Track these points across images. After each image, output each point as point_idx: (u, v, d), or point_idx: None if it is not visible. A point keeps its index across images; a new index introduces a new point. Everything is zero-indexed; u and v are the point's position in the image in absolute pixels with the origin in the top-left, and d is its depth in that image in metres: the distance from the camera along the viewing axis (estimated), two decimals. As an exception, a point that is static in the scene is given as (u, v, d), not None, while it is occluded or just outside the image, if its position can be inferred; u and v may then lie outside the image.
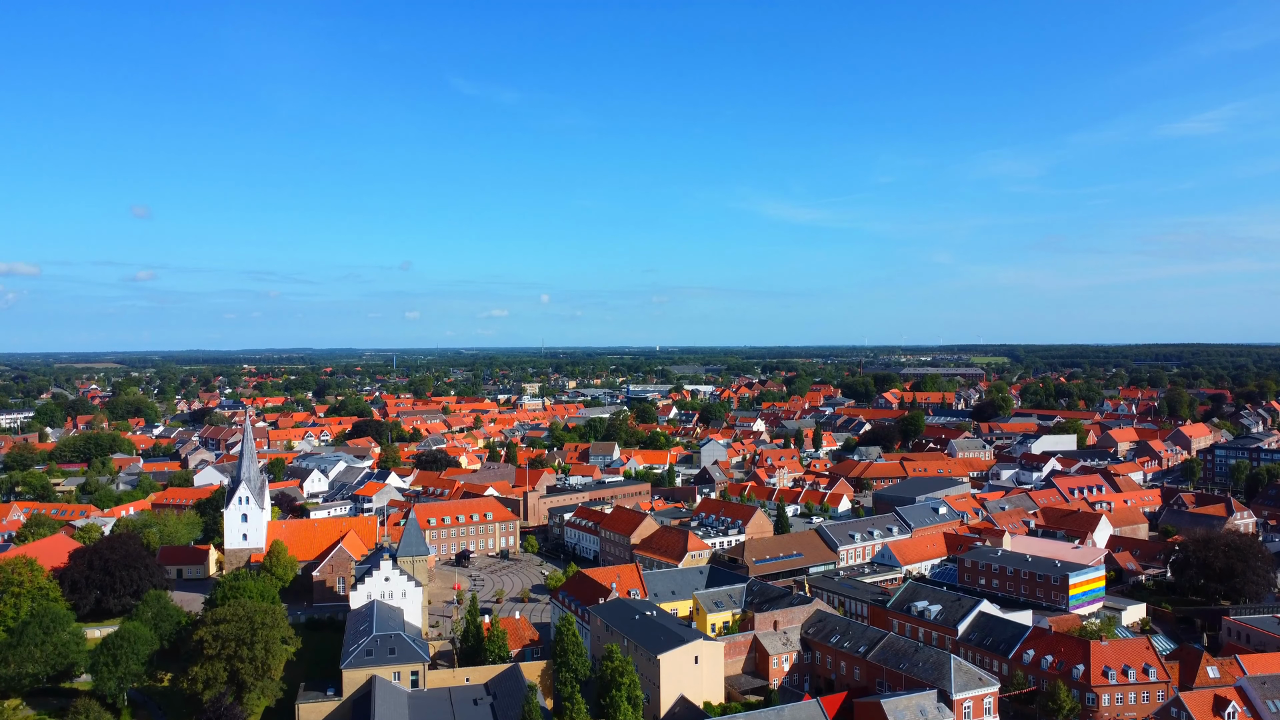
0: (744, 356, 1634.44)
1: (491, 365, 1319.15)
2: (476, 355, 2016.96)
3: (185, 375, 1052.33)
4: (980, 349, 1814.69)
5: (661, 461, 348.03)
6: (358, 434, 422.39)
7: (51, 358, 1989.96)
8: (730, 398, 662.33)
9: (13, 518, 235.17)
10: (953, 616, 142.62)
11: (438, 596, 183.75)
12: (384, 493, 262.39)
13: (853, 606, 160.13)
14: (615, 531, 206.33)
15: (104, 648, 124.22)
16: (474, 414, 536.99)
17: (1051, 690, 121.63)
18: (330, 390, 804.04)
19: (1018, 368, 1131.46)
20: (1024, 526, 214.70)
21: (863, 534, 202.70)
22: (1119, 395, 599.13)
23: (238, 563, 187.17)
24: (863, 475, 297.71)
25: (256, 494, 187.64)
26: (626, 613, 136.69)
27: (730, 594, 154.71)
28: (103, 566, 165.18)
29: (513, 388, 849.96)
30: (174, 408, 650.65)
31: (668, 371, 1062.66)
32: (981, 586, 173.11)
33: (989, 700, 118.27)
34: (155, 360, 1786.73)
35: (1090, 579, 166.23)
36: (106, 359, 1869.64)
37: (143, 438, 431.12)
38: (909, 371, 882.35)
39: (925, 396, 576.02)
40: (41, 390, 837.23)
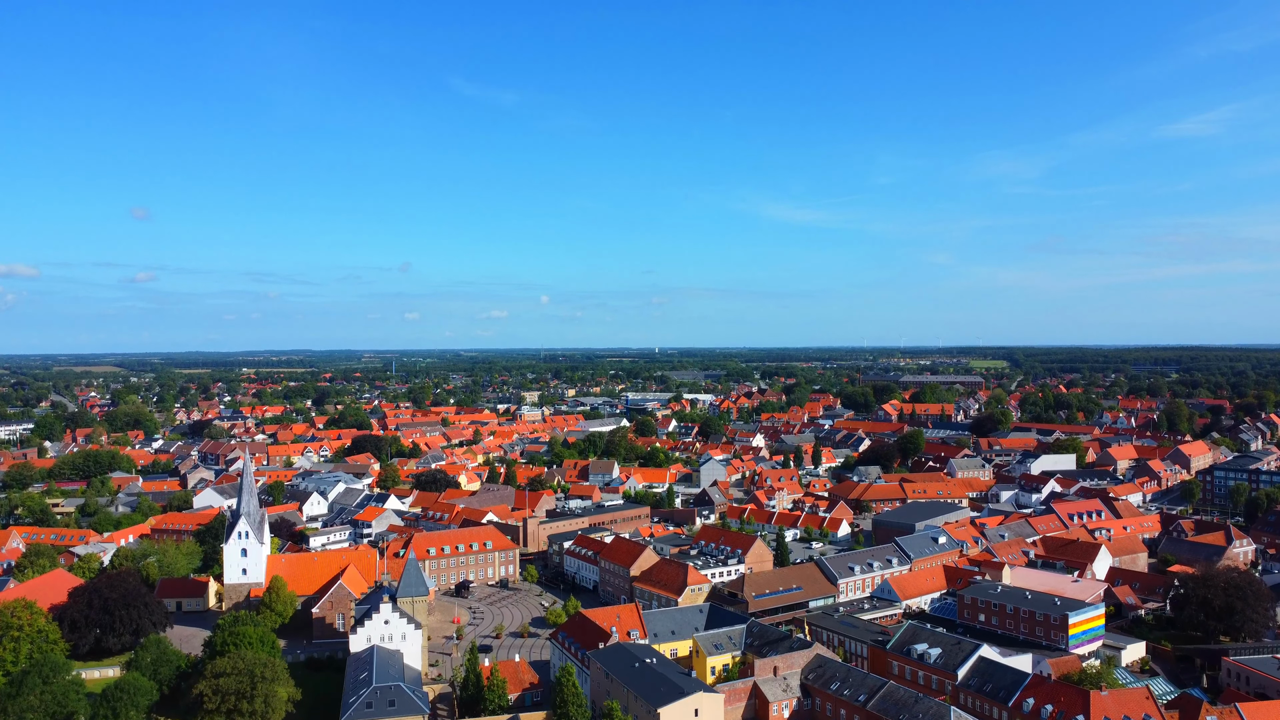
0: (743, 359, 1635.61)
1: (491, 370, 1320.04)
2: (476, 357, 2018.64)
3: (184, 381, 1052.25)
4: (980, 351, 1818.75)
5: (661, 480, 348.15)
6: (357, 449, 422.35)
7: (51, 359, 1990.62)
8: (730, 408, 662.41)
9: (12, 545, 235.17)
10: (952, 661, 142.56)
11: (437, 631, 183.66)
12: (383, 518, 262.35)
13: (853, 647, 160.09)
14: (615, 562, 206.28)
15: (103, 699, 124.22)
16: (473, 426, 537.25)
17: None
18: (330, 398, 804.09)
19: (1017, 373, 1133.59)
20: (1023, 557, 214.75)
21: (862, 566, 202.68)
22: (1118, 406, 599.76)
23: (237, 597, 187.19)
24: (862, 497, 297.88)
25: (256, 528, 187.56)
26: (626, 660, 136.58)
27: (730, 636, 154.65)
28: (102, 605, 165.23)
29: (512, 396, 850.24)
30: (173, 418, 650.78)
31: (667, 378, 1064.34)
32: (981, 624, 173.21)
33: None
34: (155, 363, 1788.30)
35: (1090, 618, 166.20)
36: (106, 361, 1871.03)
37: (142, 453, 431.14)
38: (908, 379, 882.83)
39: (924, 408, 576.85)
40: (41, 398, 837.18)
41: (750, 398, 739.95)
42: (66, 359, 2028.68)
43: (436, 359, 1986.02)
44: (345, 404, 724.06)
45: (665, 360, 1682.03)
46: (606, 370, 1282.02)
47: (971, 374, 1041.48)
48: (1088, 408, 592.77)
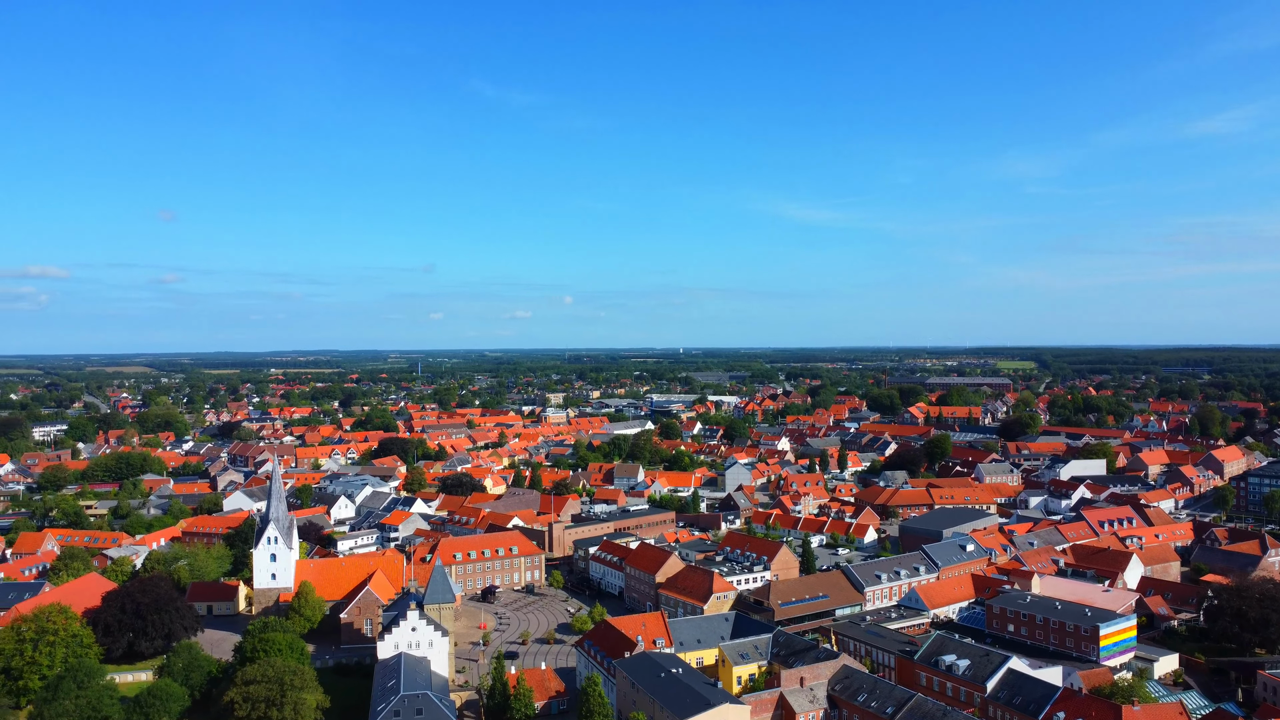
0: (768, 360, 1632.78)
1: (515, 370, 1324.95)
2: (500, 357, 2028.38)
3: (213, 382, 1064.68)
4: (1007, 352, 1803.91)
5: (686, 484, 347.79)
6: (384, 452, 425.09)
7: (83, 359, 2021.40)
8: (754, 410, 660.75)
9: (47, 548, 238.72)
10: (981, 673, 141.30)
11: (464, 637, 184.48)
12: (410, 522, 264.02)
13: (880, 657, 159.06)
14: (640, 569, 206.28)
15: (136, 705, 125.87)
16: (498, 428, 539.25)
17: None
18: (356, 399, 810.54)
19: (1045, 375, 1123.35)
20: (1053, 565, 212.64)
21: (889, 574, 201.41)
22: (1149, 409, 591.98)
23: (266, 602, 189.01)
24: (889, 503, 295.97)
25: (285, 534, 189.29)
26: (652, 669, 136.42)
27: (756, 645, 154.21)
28: (135, 610, 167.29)
29: (537, 397, 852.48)
30: (202, 419, 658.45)
31: (691, 379, 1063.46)
32: (1010, 634, 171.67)
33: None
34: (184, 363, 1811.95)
35: (1121, 629, 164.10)
36: (136, 361, 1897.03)
37: (172, 454, 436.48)
38: (935, 381, 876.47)
39: (951, 411, 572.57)
40: (74, 399, 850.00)
41: (775, 400, 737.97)
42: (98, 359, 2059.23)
43: (461, 359, 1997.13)
44: (372, 405, 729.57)
45: (689, 361, 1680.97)
46: (630, 371, 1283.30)
47: (999, 375, 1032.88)
48: (1118, 411, 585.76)
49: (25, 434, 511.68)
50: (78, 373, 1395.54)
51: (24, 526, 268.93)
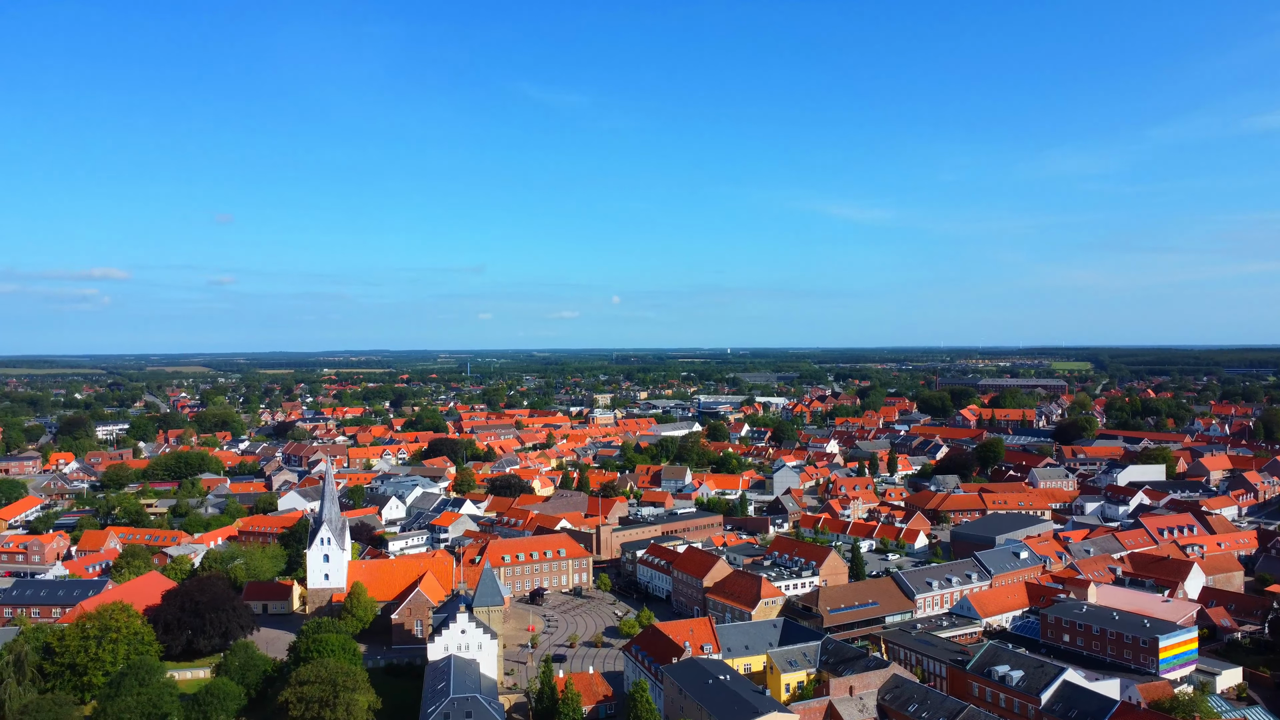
0: (816, 360, 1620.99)
1: (563, 371, 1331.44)
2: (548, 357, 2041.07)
3: (268, 382, 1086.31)
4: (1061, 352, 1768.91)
5: (734, 486, 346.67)
6: (433, 453, 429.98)
7: (143, 359, 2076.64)
8: (803, 412, 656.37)
9: (110, 546, 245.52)
10: (1035, 684, 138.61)
11: (512, 640, 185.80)
12: (459, 523, 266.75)
13: (930, 667, 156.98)
14: (688, 573, 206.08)
15: (195, 703, 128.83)
16: (546, 429, 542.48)
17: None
18: (406, 400, 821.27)
19: (1101, 376, 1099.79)
20: (1110, 574, 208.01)
21: (940, 581, 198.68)
22: (1210, 412, 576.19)
23: (320, 602, 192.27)
24: (940, 508, 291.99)
25: (337, 535, 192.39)
26: (700, 676, 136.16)
27: (805, 652, 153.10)
28: (193, 608, 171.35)
29: (584, 398, 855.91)
30: (258, 419, 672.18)
31: (739, 379, 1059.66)
32: (1065, 644, 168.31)
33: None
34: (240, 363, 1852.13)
35: (1181, 641, 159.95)
36: (194, 361, 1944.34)
37: (229, 454, 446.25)
38: (987, 382, 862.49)
39: (1004, 414, 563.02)
40: (135, 398, 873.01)
41: (824, 401, 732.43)
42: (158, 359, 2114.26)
43: (509, 359, 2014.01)
44: (422, 406, 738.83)
45: (737, 361, 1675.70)
46: (678, 372, 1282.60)
47: (1053, 376, 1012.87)
48: (1178, 414, 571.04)
49: (89, 433, 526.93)
50: (139, 372, 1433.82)
51: (88, 524, 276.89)
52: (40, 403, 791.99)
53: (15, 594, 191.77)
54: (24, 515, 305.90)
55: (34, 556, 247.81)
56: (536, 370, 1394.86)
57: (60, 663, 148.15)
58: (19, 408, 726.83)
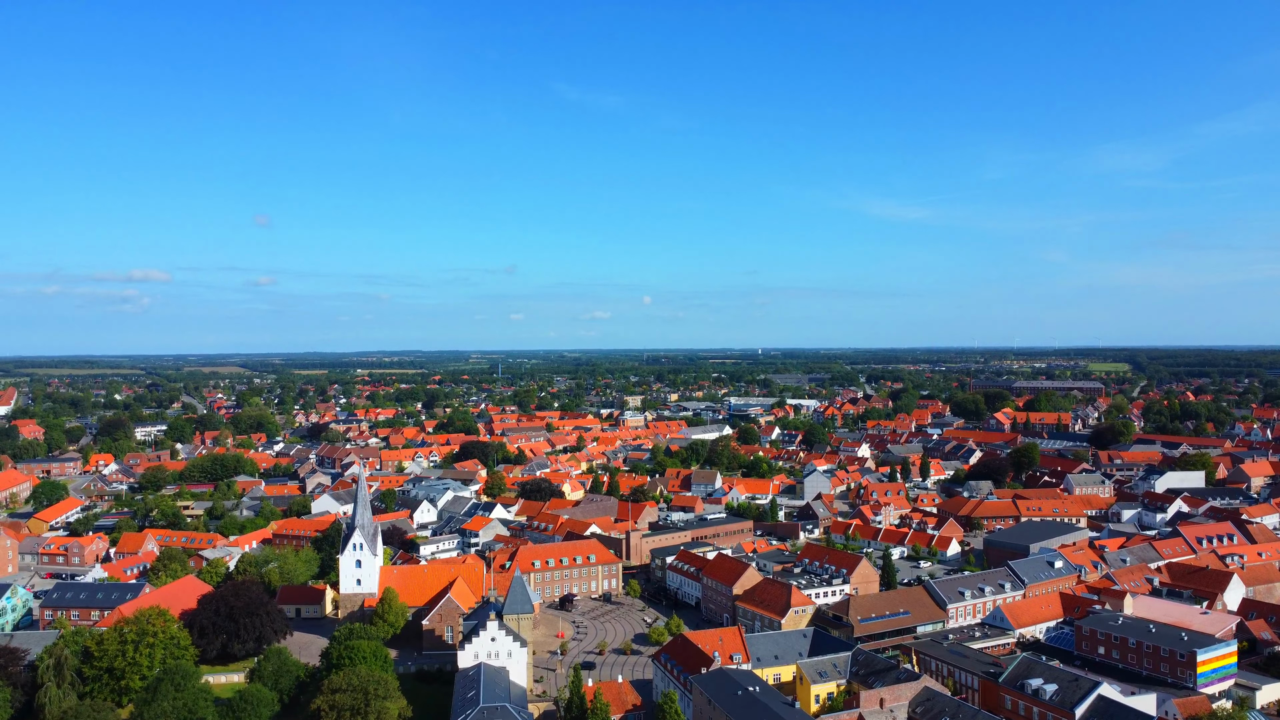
0: (848, 361, 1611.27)
1: (594, 372, 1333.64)
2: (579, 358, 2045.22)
3: (303, 383, 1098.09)
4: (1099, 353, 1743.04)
5: (764, 491, 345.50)
6: (465, 455, 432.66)
7: (181, 360, 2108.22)
8: (834, 414, 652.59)
9: (147, 548, 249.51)
10: (1069, 698, 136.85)
11: (542, 646, 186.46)
12: (490, 527, 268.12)
13: (962, 678, 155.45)
14: (717, 580, 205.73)
15: (229, 709, 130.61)
16: (577, 432, 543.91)
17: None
18: (439, 401, 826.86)
19: (1139, 378, 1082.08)
20: (1147, 585, 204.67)
21: (973, 591, 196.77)
22: (1252, 416, 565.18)
23: (351, 606, 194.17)
24: (973, 514, 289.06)
25: (370, 540, 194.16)
26: (729, 687, 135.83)
27: (835, 663, 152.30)
28: (228, 613, 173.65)
29: (615, 400, 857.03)
30: (292, 420, 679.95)
31: (770, 381, 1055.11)
32: (1100, 656, 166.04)
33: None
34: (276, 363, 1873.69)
35: (1221, 654, 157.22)
36: (231, 361, 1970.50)
37: (264, 455, 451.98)
38: (1022, 385, 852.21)
39: (1039, 417, 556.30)
40: (173, 399, 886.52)
41: (855, 404, 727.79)
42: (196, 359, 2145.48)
43: (540, 359, 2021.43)
44: (453, 407, 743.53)
45: (768, 362, 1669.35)
46: (709, 373, 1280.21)
47: (1090, 379, 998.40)
48: (1218, 418, 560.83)
49: (128, 434, 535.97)
50: (176, 373, 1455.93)
51: (126, 526, 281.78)
52: (81, 403, 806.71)
53: (56, 597, 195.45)
54: (65, 517, 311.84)
55: (74, 558, 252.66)
56: (567, 371, 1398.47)
57: (99, 666, 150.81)
58: (61, 408, 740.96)
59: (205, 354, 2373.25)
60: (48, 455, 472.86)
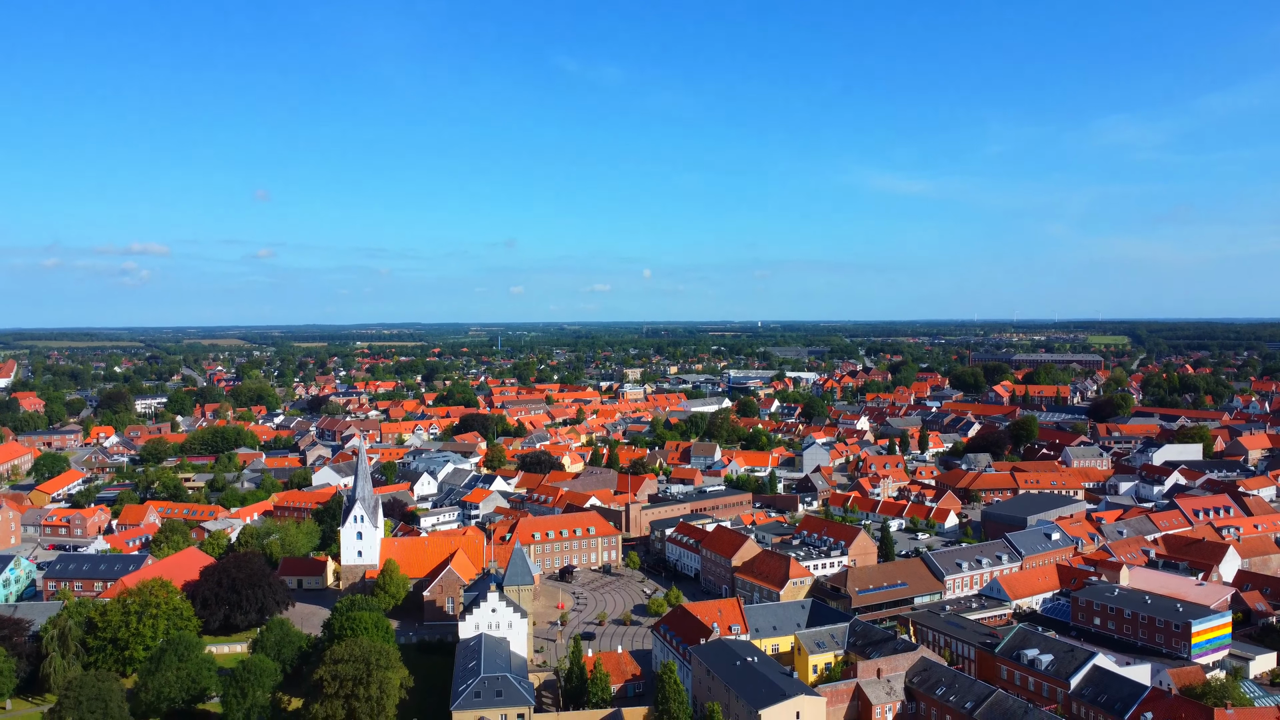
0: (848, 334, 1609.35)
1: (594, 345, 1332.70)
2: (579, 331, 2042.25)
3: (303, 355, 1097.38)
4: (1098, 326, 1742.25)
5: (763, 464, 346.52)
6: (465, 428, 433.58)
7: (181, 332, 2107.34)
8: (833, 387, 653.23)
9: (149, 520, 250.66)
10: (1065, 668, 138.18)
11: (542, 617, 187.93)
12: (490, 500, 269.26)
13: (959, 649, 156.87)
14: (717, 552, 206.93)
15: (233, 679, 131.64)
16: (576, 405, 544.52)
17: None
18: (438, 374, 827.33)
19: (1139, 351, 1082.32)
20: (1143, 556, 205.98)
21: (970, 563, 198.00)
22: (1250, 389, 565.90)
23: (353, 578, 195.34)
24: (971, 487, 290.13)
25: (370, 513, 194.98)
26: (728, 657, 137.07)
27: (833, 634, 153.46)
28: (230, 585, 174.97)
29: (615, 373, 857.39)
30: (292, 393, 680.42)
31: (770, 354, 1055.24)
32: (1096, 627, 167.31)
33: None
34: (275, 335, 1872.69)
35: (1215, 625, 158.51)
36: (231, 334, 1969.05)
37: (264, 428, 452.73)
38: (1021, 358, 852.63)
39: (1038, 390, 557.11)
40: (173, 371, 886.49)
41: (855, 377, 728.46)
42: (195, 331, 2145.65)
43: (540, 332, 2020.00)
44: (453, 380, 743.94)
45: (768, 335, 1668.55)
46: (708, 346, 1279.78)
47: (1089, 351, 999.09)
48: (1217, 390, 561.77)
49: (128, 407, 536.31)
50: (176, 345, 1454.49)
51: (128, 498, 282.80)
52: (81, 376, 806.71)
53: (59, 568, 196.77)
54: (67, 489, 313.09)
55: (76, 530, 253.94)
56: (567, 344, 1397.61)
57: (103, 637, 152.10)
58: (61, 381, 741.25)
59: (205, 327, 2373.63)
60: (48, 428, 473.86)
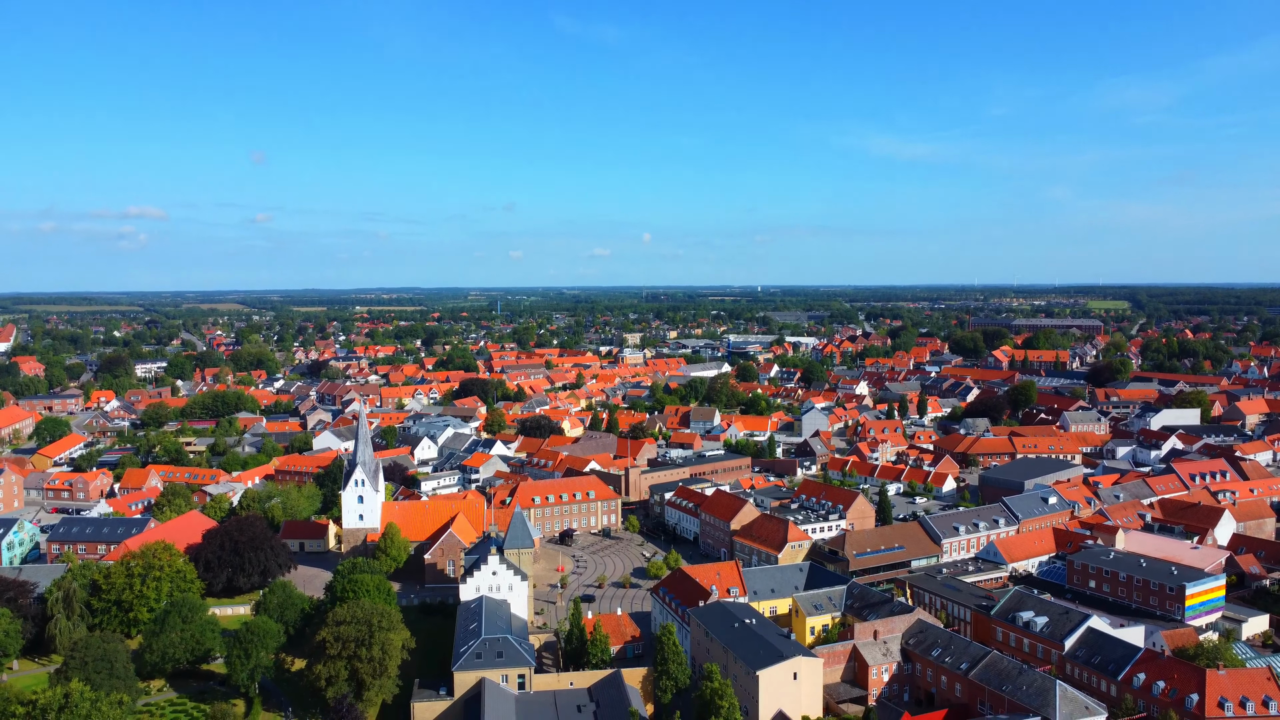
0: (848, 299, 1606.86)
1: (593, 309, 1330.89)
2: (579, 295, 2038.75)
3: (302, 320, 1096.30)
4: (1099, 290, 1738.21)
5: (762, 428, 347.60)
6: (464, 393, 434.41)
7: (180, 296, 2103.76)
8: (833, 352, 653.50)
9: (151, 484, 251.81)
10: (1059, 630, 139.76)
11: (542, 579, 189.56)
12: (490, 464, 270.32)
13: (955, 611, 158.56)
14: (716, 516, 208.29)
15: (236, 640, 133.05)
16: (576, 369, 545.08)
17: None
18: (438, 338, 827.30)
19: (1139, 315, 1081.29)
20: (1139, 520, 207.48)
21: (967, 526, 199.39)
22: (1249, 354, 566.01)
23: (354, 541, 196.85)
24: (969, 451, 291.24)
25: (371, 477, 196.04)
26: (726, 619, 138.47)
27: (830, 596, 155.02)
28: (233, 548, 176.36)
29: (614, 337, 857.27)
30: (292, 358, 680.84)
31: (769, 319, 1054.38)
32: (1091, 590, 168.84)
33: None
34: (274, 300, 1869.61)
35: (1209, 588, 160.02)
36: (230, 298, 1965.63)
37: (264, 393, 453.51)
38: (1021, 323, 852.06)
39: (1038, 355, 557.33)
40: (172, 335, 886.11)
41: (854, 341, 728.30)
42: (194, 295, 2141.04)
43: (540, 297, 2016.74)
44: (453, 345, 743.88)
45: (767, 299, 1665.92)
46: (708, 310, 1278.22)
47: (1090, 316, 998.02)
48: (1216, 355, 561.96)
49: (128, 371, 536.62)
50: (175, 309, 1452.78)
51: (130, 463, 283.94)
52: (81, 340, 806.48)
53: (63, 531, 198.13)
54: (68, 453, 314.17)
55: (79, 494, 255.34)
56: (566, 309, 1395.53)
57: (107, 599, 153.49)
58: (61, 345, 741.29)
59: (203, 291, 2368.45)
60: (49, 392, 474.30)
